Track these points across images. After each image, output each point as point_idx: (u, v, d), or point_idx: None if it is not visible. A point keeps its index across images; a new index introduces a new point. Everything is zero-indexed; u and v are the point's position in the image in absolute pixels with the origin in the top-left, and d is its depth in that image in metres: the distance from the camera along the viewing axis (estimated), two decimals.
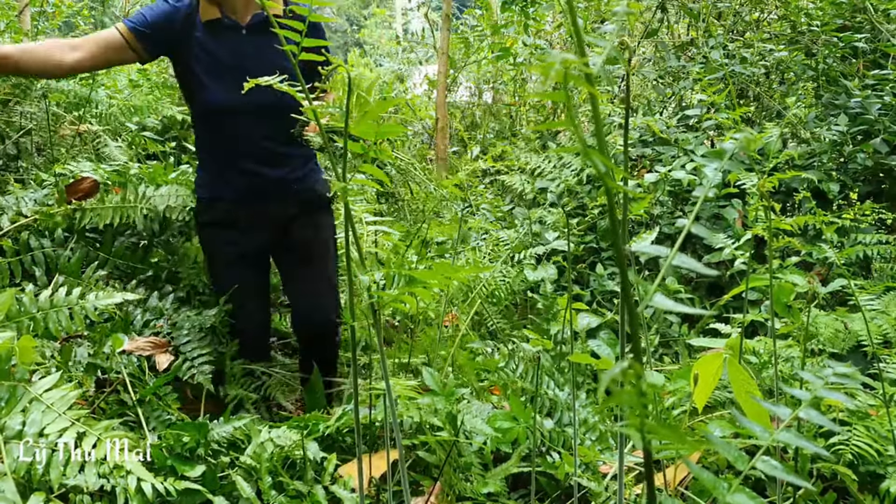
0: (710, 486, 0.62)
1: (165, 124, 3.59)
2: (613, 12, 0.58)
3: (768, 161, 3.18)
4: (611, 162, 0.46)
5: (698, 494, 1.55)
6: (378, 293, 1.04)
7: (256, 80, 1.06)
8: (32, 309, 1.60)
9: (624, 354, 1.04)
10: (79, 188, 2.28)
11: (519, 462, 1.74)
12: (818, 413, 0.70)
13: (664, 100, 4.56)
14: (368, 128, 0.97)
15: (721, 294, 2.98)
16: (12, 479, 1.19)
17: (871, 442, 1.61)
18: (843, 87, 3.40)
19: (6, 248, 2.13)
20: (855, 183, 3.22)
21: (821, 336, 2.14)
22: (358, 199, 2.90)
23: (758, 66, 3.77)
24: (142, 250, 2.35)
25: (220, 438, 1.54)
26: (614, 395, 0.42)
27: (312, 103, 1.00)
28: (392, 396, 1.13)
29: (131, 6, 7.22)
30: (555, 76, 0.41)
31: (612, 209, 0.52)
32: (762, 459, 0.64)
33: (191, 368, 1.97)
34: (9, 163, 2.99)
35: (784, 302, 1.63)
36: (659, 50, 4.64)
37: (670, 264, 0.59)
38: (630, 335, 0.57)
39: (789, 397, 1.47)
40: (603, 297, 3.20)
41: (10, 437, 1.26)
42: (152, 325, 2.11)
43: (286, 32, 0.97)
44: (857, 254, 2.77)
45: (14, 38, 3.71)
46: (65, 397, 1.35)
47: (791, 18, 3.98)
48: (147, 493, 1.27)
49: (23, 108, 3.06)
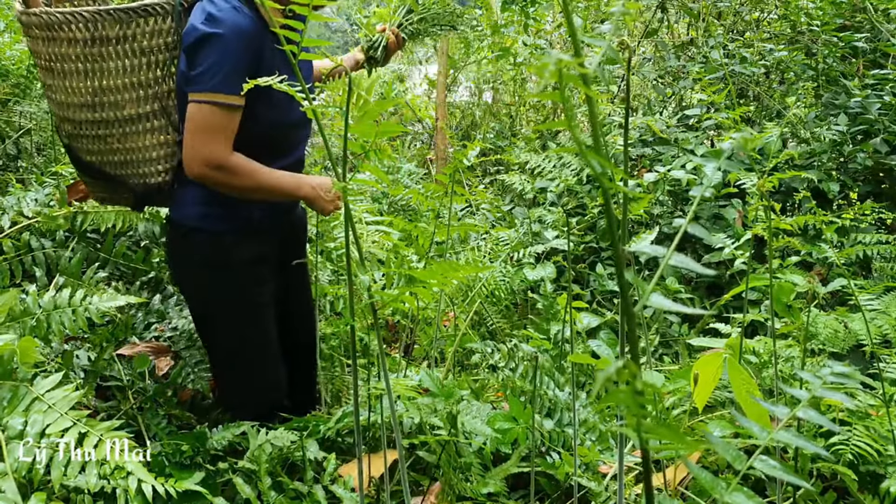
0: (708, 486, 0.62)
1: None
2: (611, 12, 0.58)
3: (768, 161, 3.18)
4: (608, 162, 0.46)
5: (698, 494, 1.55)
6: (378, 293, 1.04)
7: (256, 81, 1.06)
8: (35, 310, 1.60)
9: (623, 354, 1.04)
10: (80, 188, 2.28)
11: (518, 462, 1.74)
12: (817, 413, 0.70)
13: (664, 99, 4.56)
14: (368, 127, 0.97)
15: (721, 294, 2.98)
16: (13, 479, 1.20)
17: (871, 442, 1.61)
18: (843, 87, 3.40)
19: (7, 248, 2.14)
20: (855, 183, 3.22)
21: (820, 336, 2.14)
22: (358, 199, 2.90)
23: (758, 65, 3.77)
24: (143, 251, 2.35)
25: (219, 445, 1.54)
26: (610, 395, 0.42)
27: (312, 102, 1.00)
28: (392, 396, 1.13)
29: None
30: (550, 76, 0.41)
31: (610, 209, 0.52)
32: (760, 459, 0.64)
33: (190, 374, 1.97)
34: (8, 163, 2.99)
35: (784, 302, 1.63)
36: (659, 50, 4.64)
37: (668, 264, 0.59)
38: (629, 335, 0.57)
39: (789, 397, 1.47)
40: (603, 296, 3.20)
41: (12, 436, 1.27)
42: (153, 328, 2.11)
43: (286, 32, 0.98)
44: (857, 254, 2.77)
45: (14, 38, 3.71)
46: (66, 398, 1.35)
47: (791, 18, 3.98)
48: (147, 495, 1.28)
49: (22, 107, 3.06)
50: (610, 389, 0.44)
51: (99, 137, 1.67)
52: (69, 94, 1.63)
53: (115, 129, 1.66)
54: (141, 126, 1.66)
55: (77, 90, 1.62)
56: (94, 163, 1.71)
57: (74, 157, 1.75)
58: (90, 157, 1.71)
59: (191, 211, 1.69)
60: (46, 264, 2.17)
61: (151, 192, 1.72)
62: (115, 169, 1.71)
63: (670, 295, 2.74)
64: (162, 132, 1.68)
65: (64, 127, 1.70)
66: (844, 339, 2.15)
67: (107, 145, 1.67)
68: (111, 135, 1.66)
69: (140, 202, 1.77)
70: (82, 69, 1.60)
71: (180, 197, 1.71)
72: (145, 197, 1.74)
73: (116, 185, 1.74)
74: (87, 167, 1.73)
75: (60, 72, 1.61)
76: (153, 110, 1.65)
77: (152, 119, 1.66)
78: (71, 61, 1.59)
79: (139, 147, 1.68)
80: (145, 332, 2.09)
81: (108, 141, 1.66)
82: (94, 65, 1.59)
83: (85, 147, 1.70)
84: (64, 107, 1.65)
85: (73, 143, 1.71)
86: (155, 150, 1.69)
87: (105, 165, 1.71)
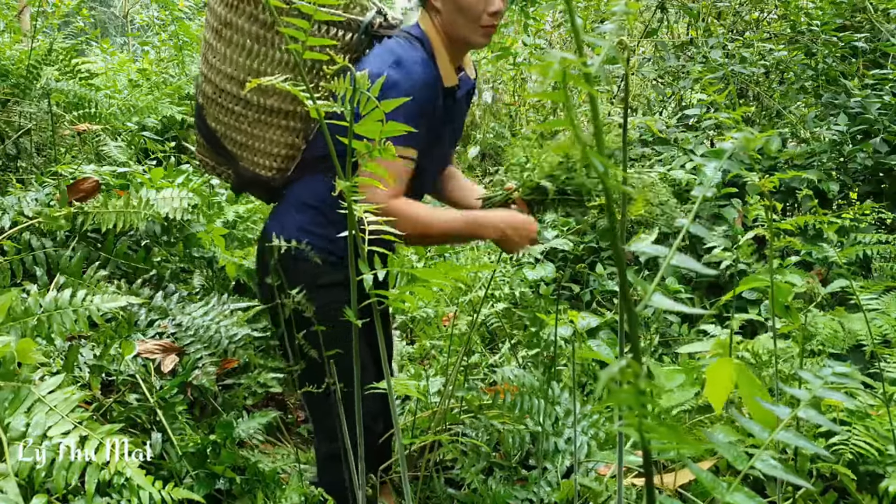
0: (709, 486, 0.62)
1: (165, 124, 3.59)
2: (612, 12, 0.58)
3: (767, 160, 3.18)
4: (609, 162, 0.46)
5: (699, 496, 1.55)
6: (379, 291, 1.04)
7: (259, 80, 1.06)
8: (37, 310, 1.60)
9: (623, 354, 1.04)
10: (80, 188, 2.29)
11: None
12: (817, 412, 0.70)
13: (664, 99, 4.56)
14: (373, 127, 0.98)
15: (721, 294, 2.98)
16: (14, 481, 1.20)
17: (871, 441, 1.61)
18: (843, 87, 3.40)
19: (7, 247, 2.14)
20: (855, 182, 3.22)
21: (819, 336, 2.14)
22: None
23: (758, 65, 3.77)
24: (143, 250, 2.35)
25: (245, 434, 1.53)
26: (613, 394, 0.43)
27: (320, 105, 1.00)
28: (392, 396, 1.13)
29: (131, 5, 7.22)
30: (553, 76, 0.41)
31: (611, 209, 0.52)
32: (761, 459, 0.65)
33: (195, 370, 1.97)
34: (8, 163, 2.99)
35: (782, 302, 1.63)
36: (658, 49, 4.64)
37: (669, 264, 0.59)
38: (629, 335, 0.57)
39: (789, 397, 1.47)
40: (603, 296, 3.20)
41: (14, 437, 1.27)
42: (157, 325, 2.11)
43: (290, 31, 0.98)
44: (857, 253, 2.77)
45: (14, 38, 3.71)
46: (68, 399, 1.35)
47: (791, 18, 3.98)
48: (144, 502, 1.28)
49: (22, 107, 3.06)
50: (611, 389, 0.44)
51: (233, 112, 1.65)
52: (225, 62, 1.60)
53: (252, 113, 1.63)
54: (276, 120, 1.63)
55: (235, 62, 1.59)
56: (217, 131, 1.69)
57: (200, 117, 1.71)
58: (216, 125, 1.68)
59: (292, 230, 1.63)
60: (47, 264, 2.17)
61: (256, 183, 1.70)
62: (234, 146, 1.69)
63: (670, 294, 2.74)
64: (293, 134, 1.65)
65: (204, 87, 1.67)
66: (844, 339, 2.15)
67: (237, 122, 1.65)
68: (245, 115, 1.64)
69: (241, 187, 1.76)
70: (248, 47, 1.57)
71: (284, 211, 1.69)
72: (249, 184, 1.73)
73: (226, 160, 1.73)
74: (208, 132, 1.70)
75: (228, 40, 1.58)
76: (294, 111, 1.62)
77: (289, 119, 1.63)
78: (243, 35, 1.57)
79: (266, 137, 1.65)
80: (148, 329, 2.08)
81: (240, 119, 1.64)
82: (262, 48, 1.57)
83: (215, 114, 1.67)
84: (214, 70, 1.62)
85: (206, 105, 1.68)
86: (278, 147, 1.66)
87: (225, 138, 1.69)
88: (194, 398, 2.04)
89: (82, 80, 3.34)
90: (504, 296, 2.69)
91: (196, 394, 2.03)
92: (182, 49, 4.51)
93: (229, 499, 1.67)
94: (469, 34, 1.58)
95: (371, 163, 1.35)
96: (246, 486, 1.64)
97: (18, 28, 4.12)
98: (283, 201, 1.71)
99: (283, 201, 1.71)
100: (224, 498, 1.67)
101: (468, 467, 1.72)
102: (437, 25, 1.59)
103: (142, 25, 6.94)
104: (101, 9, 10.35)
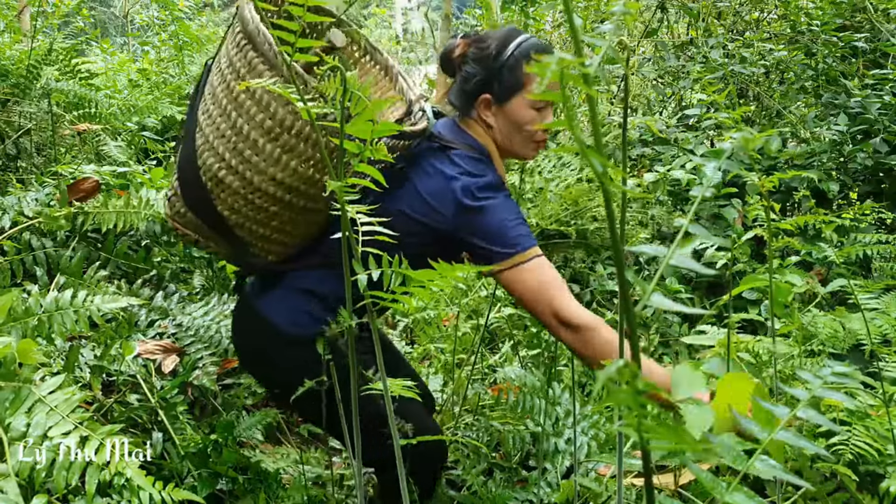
0: (709, 486, 0.62)
1: (165, 124, 3.59)
2: (612, 12, 0.58)
3: (767, 160, 3.18)
4: (609, 162, 0.46)
5: (698, 496, 1.55)
6: (375, 292, 1.04)
7: (247, 83, 1.06)
8: (37, 311, 1.60)
9: (622, 354, 1.04)
10: (80, 188, 2.29)
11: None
12: (816, 412, 0.70)
13: (664, 99, 4.56)
14: (364, 127, 0.97)
15: (721, 294, 2.98)
16: (15, 481, 1.20)
17: (871, 441, 1.61)
18: (843, 87, 3.40)
19: (8, 247, 2.14)
20: (855, 182, 3.22)
21: (819, 336, 2.14)
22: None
23: (758, 65, 3.77)
24: (144, 250, 2.35)
25: (245, 435, 1.54)
26: (612, 395, 0.43)
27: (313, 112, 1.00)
28: (389, 396, 1.13)
29: (131, 5, 7.22)
30: (552, 76, 0.41)
31: (610, 209, 0.52)
32: (761, 459, 0.65)
33: (195, 370, 1.98)
34: (8, 163, 2.99)
35: (782, 302, 1.63)
36: (658, 49, 4.64)
37: (668, 264, 0.59)
38: (629, 335, 0.57)
39: (789, 397, 1.47)
40: (603, 297, 3.20)
41: (15, 438, 1.27)
42: (157, 325, 2.12)
43: (279, 33, 0.98)
44: (856, 253, 2.77)
45: (14, 38, 3.71)
46: (69, 400, 1.35)
47: (791, 18, 3.98)
48: (144, 503, 1.28)
49: (22, 107, 3.06)
50: (610, 389, 0.44)
51: (265, 210, 1.41)
52: (277, 165, 1.37)
53: (288, 213, 1.43)
54: (307, 217, 1.47)
55: (286, 166, 1.37)
56: (230, 220, 1.43)
57: (204, 201, 1.43)
58: (231, 215, 1.42)
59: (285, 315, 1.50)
60: (47, 264, 2.17)
61: (258, 266, 1.54)
62: (249, 235, 1.46)
63: (670, 294, 2.73)
64: (315, 227, 1.51)
65: (223, 176, 1.39)
66: (844, 338, 2.15)
67: (266, 219, 1.43)
68: (279, 214, 1.43)
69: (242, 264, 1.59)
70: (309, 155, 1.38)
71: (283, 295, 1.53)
72: (250, 265, 1.56)
73: (227, 241, 1.50)
74: (214, 218, 1.44)
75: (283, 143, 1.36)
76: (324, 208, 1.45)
77: (318, 215, 1.47)
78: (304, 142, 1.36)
79: (290, 232, 1.48)
80: (148, 329, 2.09)
81: (273, 217, 1.43)
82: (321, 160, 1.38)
83: (235, 205, 1.41)
84: (250, 166, 1.37)
85: (221, 194, 1.40)
86: (297, 239, 1.51)
87: (240, 228, 1.45)
88: (195, 398, 2.04)
89: (82, 80, 3.34)
90: (506, 297, 2.69)
91: (196, 394, 2.03)
92: (182, 49, 4.51)
93: (231, 499, 1.67)
94: (521, 149, 1.57)
95: (531, 273, 1.41)
96: (248, 486, 1.64)
97: (18, 28, 4.12)
98: (280, 284, 1.54)
99: (281, 284, 1.54)
100: (226, 498, 1.67)
101: (469, 468, 1.72)
102: (490, 136, 1.56)
103: (142, 25, 6.93)
104: (101, 9, 10.35)
